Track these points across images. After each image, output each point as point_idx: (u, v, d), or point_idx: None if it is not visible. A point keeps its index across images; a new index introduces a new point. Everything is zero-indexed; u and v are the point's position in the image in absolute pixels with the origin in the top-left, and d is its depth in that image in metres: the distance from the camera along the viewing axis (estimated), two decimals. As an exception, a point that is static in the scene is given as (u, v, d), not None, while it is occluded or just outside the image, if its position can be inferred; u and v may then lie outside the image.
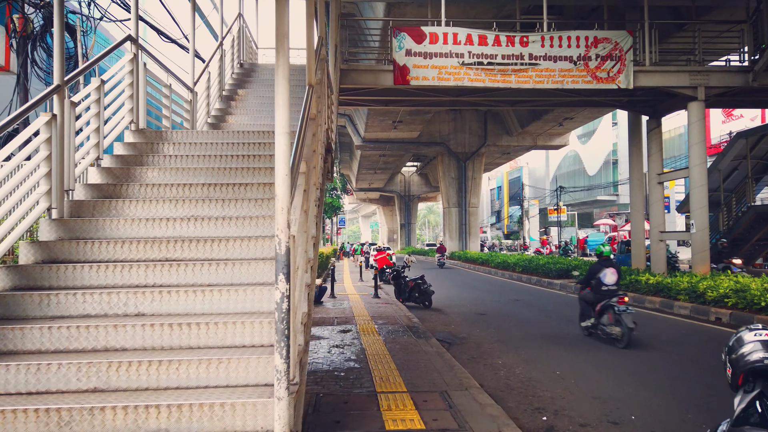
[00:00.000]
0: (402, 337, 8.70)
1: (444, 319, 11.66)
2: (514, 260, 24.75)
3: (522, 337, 9.56)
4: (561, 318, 11.69)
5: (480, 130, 39.02)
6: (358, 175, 57.95)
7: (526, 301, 15.11)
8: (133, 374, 3.52)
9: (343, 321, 10.41)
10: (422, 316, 12.07)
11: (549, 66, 13.95)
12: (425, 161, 56.61)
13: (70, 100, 5.16)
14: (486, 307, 13.69)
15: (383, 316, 11.15)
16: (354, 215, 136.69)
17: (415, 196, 66.23)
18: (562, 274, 19.77)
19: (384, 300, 14.22)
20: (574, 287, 17.24)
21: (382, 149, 40.69)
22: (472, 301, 15.01)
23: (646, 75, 14.28)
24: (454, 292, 17.59)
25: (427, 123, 35.77)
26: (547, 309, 13.38)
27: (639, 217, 17.23)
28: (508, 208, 72.83)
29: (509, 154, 45.68)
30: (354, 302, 13.68)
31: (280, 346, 3.12)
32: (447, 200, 39.86)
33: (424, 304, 13.70)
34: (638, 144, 17.48)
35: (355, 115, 36.27)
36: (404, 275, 14.61)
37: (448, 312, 12.91)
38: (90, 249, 4.68)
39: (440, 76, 13.78)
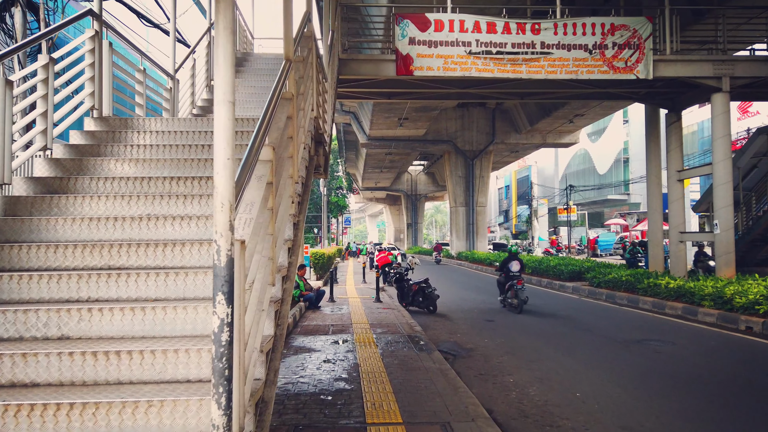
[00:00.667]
0: (402, 349, 7.86)
1: (449, 327, 10.79)
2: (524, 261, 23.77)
3: (534, 348, 8.68)
4: (576, 325, 10.81)
5: (488, 128, 38.13)
6: (364, 174, 57.14)
7: (538, 305, 14.21)
8: (36, 421, 2.69)
9: (339, 329, 9.58)
10: (426, 322, 11.22)
11: (562, 55, 13.03)
12: (432, 160, 55.74)
13: (4, 78, 4.35)
14: (495, 313, 12.82)
15: (383, 323, 10.32)
16: (361, 215, 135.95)
17: (422, 195, 65.34)
18: (574, 277, 18.86)
19: (386, 304, 13.38)
20: (588, 290, 16.35)
21: (388, 147, 39.83)
22: (479, 306, 14.14)
23: (667, 64, 13.32)
24: (461, 295, 16.73)
25: (433, 120, 34.89)
26: (559, 314, 12.49)
27: (657, 217, 16.27)
28: (517, 207, 71.78)
29: (518, 152, 44.67)
30: (354, 307, 12.86)
31: (217, 391, 2.28)
32: (454, 199, 38.96)
33: (428, 308, 12.85)
34: (656, 139, 16.53)
35: (360, 112, 35.44)
36: (407, 278, 13.76)
37: (453, 318, 12.05)
38: (16, 254, 3.86)
39: (446, 66, 12.89)
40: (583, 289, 16.71)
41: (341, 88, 14.64)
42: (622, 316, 12.19)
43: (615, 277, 15.62)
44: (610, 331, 10.20)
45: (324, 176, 8.46)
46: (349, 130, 42.98)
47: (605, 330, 10.29)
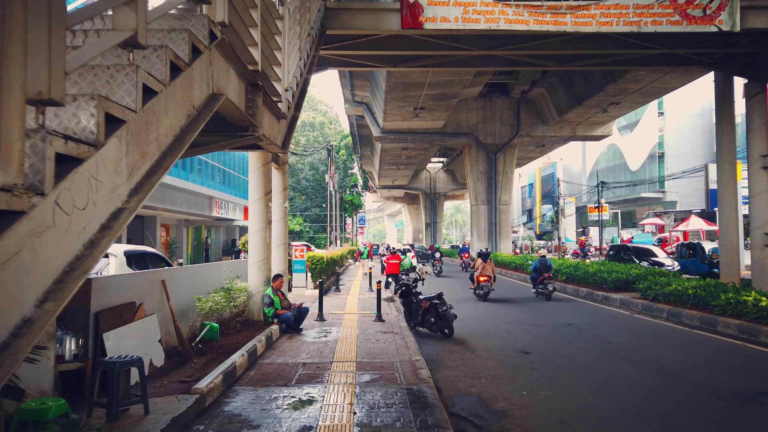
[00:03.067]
0: (394, 422, 4.93)
1: (469, 364, 7.82)
2: (555, 266, 20.66)
3: (602, 413, 5.69)
4: (648, 363, 7.76)
5: (512, 119, 35.02)
6: (380, 172, 54.25)
7: (582, 326, 11.17)
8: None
9: (310, 374, 6.68)
10: (438, 356, 8.29)
11: (620, 1, 9.95)
12: (452, 157, 52.69)
13: None
14: (529, 338, 9.81)
15: (377, 361, 7.40)
16: (379, 214, 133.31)
17: (441, 193, 62.31)
18: (620, 286, 15.74)
19: (388, 326, 10.46)
20: (641, 305, 13.24)
21: (404, 141, 36.84)
22: (507, 326, 11.14)
23: (758, 13, 10.16)
24: (483, 310, 13.74)
25: (452, 111, 31.84)
26: (616, 342, 9.43)
27: (731, 214, 13.07)
28: (541, 206, 68.21)
29: (544, 146, 41.38)
30: (346, 330, 9.96)
31: None
32: (475, 197, 35.90)
33: (442, 332, 9.91)
34: (729, 117, 13.32)
35: (373, 102, 32.55)
36: (416, 291, 10.82)
37: (475, 346, 9.07)
38: None
39: (466, 17, 9.90)
40: (635, 302, 13.60)
41: (330, 50, 11.74)
42: (705, 348, 9.09)
43: (678, 290, 12.49)
44: (703, 376, 7.13)
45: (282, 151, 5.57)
46: (362, 124, 40.12)
47: (694, 375, 7.22)
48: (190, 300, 7.69)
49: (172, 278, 7.35)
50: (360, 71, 28.23)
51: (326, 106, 70.56)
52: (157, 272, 7.00)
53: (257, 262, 9.76)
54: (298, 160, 58.39)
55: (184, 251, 31.33)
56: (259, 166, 9.70)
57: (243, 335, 8.58)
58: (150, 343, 6.30)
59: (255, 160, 9.75)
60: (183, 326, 7.52)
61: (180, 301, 7.59)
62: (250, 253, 9.82)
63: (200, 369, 6.45)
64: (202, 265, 8.63)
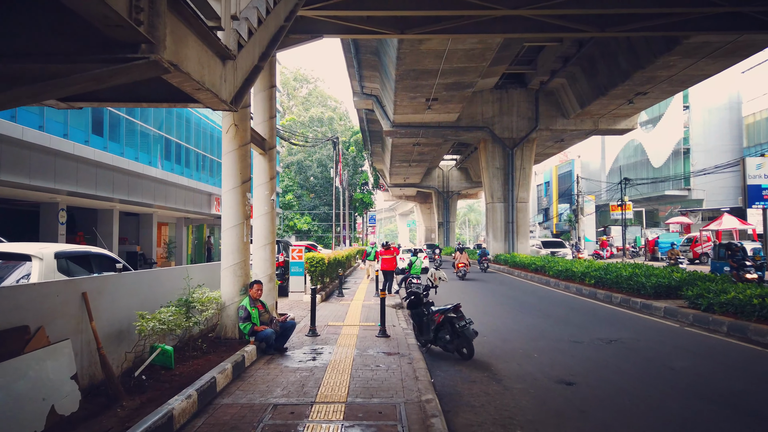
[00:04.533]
0: None
1: (498, 403, 5.94)
2: (582, 269, 18.70)
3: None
4: (740, 407, 5.84)
5: (530, 112, 33.08)
6: (391, 169, 52.37)
7: (628, 342, 9.24)
8: None
9: (280, 423, 4.84)
10: (455, 388, 6.42)
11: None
12: (465, 154, 50.78)
13: None
14: (567, 361, 7.90)
15: (375, 401, 5.55)
16: (391, 213, 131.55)
17: (454, 192, 60.40)
18: (662, 293, 13.75)
19: (393, 344, 8.62)
20: (692, 316, 11.25)
21: (416, 136, 34.94)
22: (537, 343, 9.22)
23: None
24: (506, 319, 11.85)
25: (467, 103, 29.90)
26: (680, 368, 7.50)
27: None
28: (557, 205, 65.93)
29: (563, 141, 39.28)
30: (341, 350, 8.11)
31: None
32: (491, 194, 33.95)
33: (460, 352, 8.04)
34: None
35: (383, 93, 30.72)
36: (427, 300, 8.95)
37: (501, 374, 7.18)
38: None
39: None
40: (684, 313, 11.61)
41: (321, 8, 9.83)
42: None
43: (739, 299, 10.49)
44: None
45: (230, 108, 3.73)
46: (372, 118, 38.26)
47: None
48: (133, 317, 5.90)
49: (103, 289, 5.56)
50: (368, 61, 26.49)
51: (335, 101, 68.82)
52: (75, 282, 5.21)
53: (231, 267, 7.95)
54: (306, 156, 56.71)
55: (184, 251, 29.72)
56: (234, 148, 7.91)
57: (208, 359, 6.79)
58: (55, 383, 4.52)
59: (229, 141, 7.95)
60: (119, 353, 5.74)
61: (118, 319, 5.82)
62: (223, 255, 8.02)
63: (128, 417, 4.66)
64: (157, 271, 6.84)
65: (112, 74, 2.61)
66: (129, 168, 18.30)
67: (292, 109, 67.22)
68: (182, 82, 3.15)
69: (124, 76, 2.65)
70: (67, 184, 15.13)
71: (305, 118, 59.91)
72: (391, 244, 18.30)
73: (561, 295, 17.28)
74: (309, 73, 74.22)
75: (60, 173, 14.69)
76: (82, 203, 19.51)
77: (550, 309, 13.79)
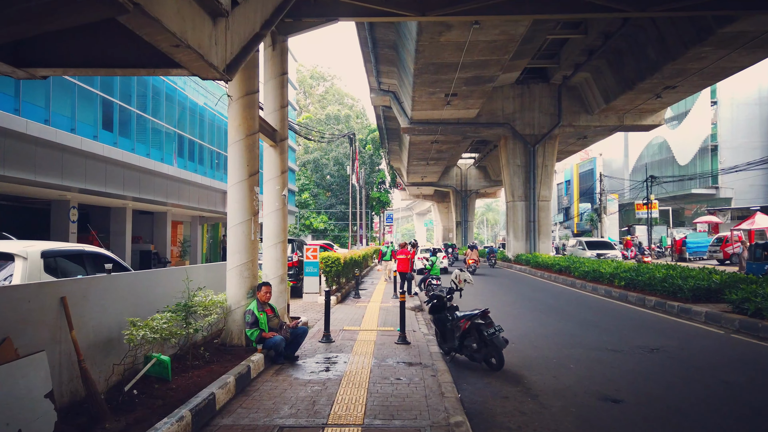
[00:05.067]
0: None
1: (535, 424, 5.16)
2: (610, 270, 17.79)
3: None
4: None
5: (553, 108, 32.12)
6: (409, 168, 51.60)
7: (672, 351, 8.41)
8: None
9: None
10: (485, 405, 5.68)
11: None
12: (484, 152, 49.87)
13: None
14: (608, 372, 7.09)
15: (396, 424, 4.82)
16: (408, 213, 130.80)
17: (472, 191, 59.42)
18: (701, 296, 12.83)
19: (414, 352, 7.89)
20: (738, 322, 10.34)
21: (434, 133, 34.12)
22: (572, 350, 8.42)
23: None
24: (533, 323, 11.05)
25: (487, 98, 29.03)
26: (735, 383, 6.65)
27: None
28: (578, 204, 64.59)
29: (586, 138, 38.16)
30: (357, 359, 7.41)
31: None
32: (511, 193, 33.06)
33: (488, 362, 7.29)
34: None
35: (401, 89, 29.97)
36: (451, 305, 8.20)
37: (536, 387, 6.42)
38: None
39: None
40: (729, 318, 10.69)
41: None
42: None
43: (792, 304, 9.59)
44: None
45: (222, 76, 3.02)
46: (389, 116, 37.52)
47: None
48: (125, 324, 5.25)
49: (88, 293, 4.91)
50: (385, 55, 25.74)
51: (352, 99, 68.21)
52: (52, 285, 4.57)
53: (238, 267, 7.28)
54: (322, 155, 56.18)
55: (199, 250, 29.31)
56: (241, 138, 7.24)
57: (211, 369, 6.13)
58: (24, 402, 3.87)
59: (235, 130, 7.29)
60: (107, 365, 5.09)
61: (107, 326, 5.17)
62: (229, 254, 7.36)
63: (109, 442, 4.00)
64: (154, 272, 6.20)
65: (54, 7, 1.93)
66: (140, 165, 17.80)
67: (308, 107, 66.78)
68: (154, 35, 2.47)
69: (70, 10, 1.97)
70: (76, 181, 14.65)
71: (322, 115, 59.39)
72: (407, 242, 17.50)
73: (589, 297, 16.39)
74: (326, 71, 73.60)
75: (67, 169, 14.21)
76: (94, 201, 19.10)
77: (580, 312, 12.94)
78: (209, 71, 3.11)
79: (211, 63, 3.02)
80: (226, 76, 3.30)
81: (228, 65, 3.38)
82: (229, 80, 3.78)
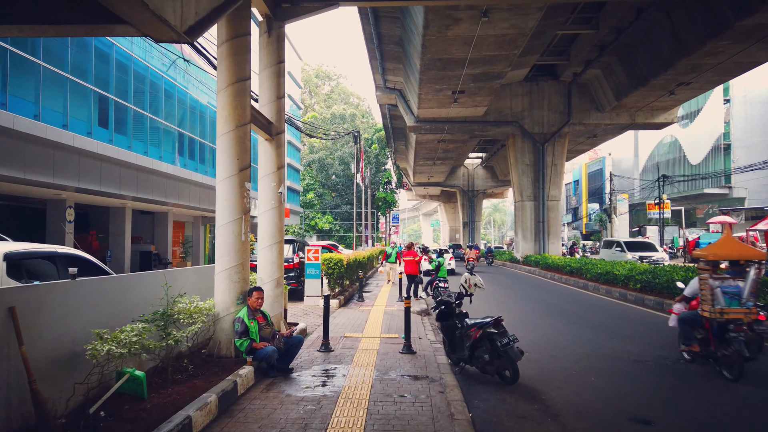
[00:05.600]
0: None
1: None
2: (625, 272, 17.08)
3: None
4: None
5: (562, 105, 31.39)
6: (415, 168, 50.96)
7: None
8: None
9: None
10: (498, 427, 5.02)
11: None
12: (491, 152, 49.15)
13: None
14: (634, 387, 6.42)
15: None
16: (414, 213, 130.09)
17: (479, 191, 58.69)
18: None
19: (420, 363, 7.24)
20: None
21: (441, 131, 33.43)
22: (591, 361, 7.74)
23: None
24: (546, 329, 10.36)
25: (495, 96, 28.35)
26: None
27: None
28: (587, 204, 63.73)
29: (596, 136, 37.37)
30: (358, 372, 6.76)
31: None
32: (520, 192, 32.35)
33: (501, 375, 6.64)
34: None
35: (407, 87, 29.33)
36: (460, 311, 7.54)
37: (557, 405, 5.75)
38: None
39: None
40: None
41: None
42: None
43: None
44: None
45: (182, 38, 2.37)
46: (395, 114, 36.87)
47: None
48: (91, 336, 4.63)
49: (45, 302, 4.28)
50: (391, 52, 25.07)
51: (358, 98, 67.54)
52: (0, 293, 3.94)
53: (227, 270, 6.65)
54: (327, 154, 55.59)
55: (201, 251, 28.77)
56: (230, 129, 6.62)
57: (193, 385, 5.50)
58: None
59: (224, 120, 6.67)
60: (68, 384, 4.46)
61: (71, 340, 4.55)
62: (217, 257, 6.73)
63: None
64: (129, 277, 5.56)
65: None
66: (137, 163, 17.23)
67: (314, 107, 66.21)
68: None
69: None
70: (69, 179, 14.10)
71: (327, 115, 58.82)
72: (415, 244, 16.79)
73: (603, 301, 15.68)
74: (331, 70, 72.93)
75: (60, 167, 13.65)
76: (92, 201, 18.57)
77: (596, 317, 12.24)
78: (163, 30, 2.50)
79: (165, 19, 2.41)
80: (186, 38, 2.68)
81: (191, 27, 2.76)
82: (189, 43, 3.15)
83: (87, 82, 15.26)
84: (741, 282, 6.94)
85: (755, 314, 6.77)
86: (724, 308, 6.83)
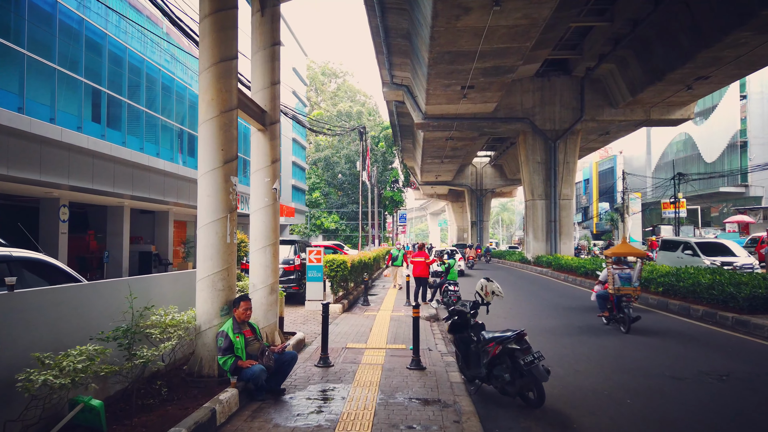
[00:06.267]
0: None
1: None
2: (645, 274, 16.11)
3: None
4: None
5: (575, 101, 30.43)
6: (422, 166, 50.08)
7: (745, 377, 6.84)
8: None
9: None
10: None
11: None
12: (500, 150, 48.18)
13: None
14: (675, 410, 5.53)
15: None
16: (421, 213, 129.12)
17: (487, 190, 57.70)
18: (759, 306, 11.19)
19: (430, 383, 6.38)
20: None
21: (449, 129, 32.54)
22: (623, 377, 6.82)
23: None
24: (568, 340, 9.46)
25: (505, 91, 27.41)
26: None
27: None
28: (598, 203, 62.58)
29: (608, 134, 36.38)
30: (358, 394, 5.91)
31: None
32: (531, 191, 31.39)
33: (523, 397, 5.78)
34: None
35: (414, 83, 28.46)
36: (476, 322, 6.68)
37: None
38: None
39: None
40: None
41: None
42: None
43: None
44: None
45: None
46: (402, 112, 35.98)
47: None
48: (30, 362, 3.81)
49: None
50: (398, 46, 24.19)
51: (365, 96, 66.64)
52: None
53: (210, 277, 5.82)
54: (333, 152, 54.80)
55: (203, 251, 27.99)
56: (214, 116, 5.79)
57: (166, 412, 4.68)
58: None
59: (206, 106, 5.84)
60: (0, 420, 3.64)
61: (6, 365, 3.73)
62: (199, 261, 5.90)
63: None
64: (87, 286, 4.71)
65: None
66: (132, 159, 16.46)
67: (320, 104, 65.41)
68: None
69: None
70: (57, 176, 13.35)
71: (333, 112, 58.02)
72: (426, 244, 15.84)
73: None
74: (337, 68, 72.11)
75: (47, 163, 12.91)
76: (87, 199, 17.85)
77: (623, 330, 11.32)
78: None
79: None
80: None
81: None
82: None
83: (77, 73, 14.50)
84: (631, 270, 10.74)
85: (639, 291, 10.71)
86: (620, 287, 10.44)
